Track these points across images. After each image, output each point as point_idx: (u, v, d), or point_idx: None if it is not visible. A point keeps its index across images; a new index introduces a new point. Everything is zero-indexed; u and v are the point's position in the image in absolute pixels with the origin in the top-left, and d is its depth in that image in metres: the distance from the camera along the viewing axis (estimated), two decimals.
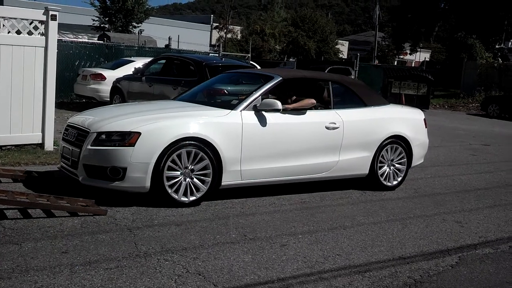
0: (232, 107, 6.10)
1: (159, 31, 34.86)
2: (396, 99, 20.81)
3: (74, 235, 4.55)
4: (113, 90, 12.85)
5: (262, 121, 6.06)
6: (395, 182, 7.20)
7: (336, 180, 6.90)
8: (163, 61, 12.28)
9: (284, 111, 6.25)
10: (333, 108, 6.74)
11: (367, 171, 6.93)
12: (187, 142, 5.54)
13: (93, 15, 32.72)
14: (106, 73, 14.38)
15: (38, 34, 7.86)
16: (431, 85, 23.19)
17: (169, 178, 5.48)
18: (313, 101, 6.56)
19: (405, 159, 7.24)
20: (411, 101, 21.71)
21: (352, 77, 21.44)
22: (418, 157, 7.51)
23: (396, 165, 7.19)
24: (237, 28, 46.81)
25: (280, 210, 5.86)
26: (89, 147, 5.48)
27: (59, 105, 11.78)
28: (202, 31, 49.75)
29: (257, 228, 5.12)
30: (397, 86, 22.74)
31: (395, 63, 49.63)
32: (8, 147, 7.76)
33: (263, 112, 6.08)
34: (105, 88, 13.80)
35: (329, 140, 6.54)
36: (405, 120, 7.40)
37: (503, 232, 5.67)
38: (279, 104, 6.06)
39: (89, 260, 4.03)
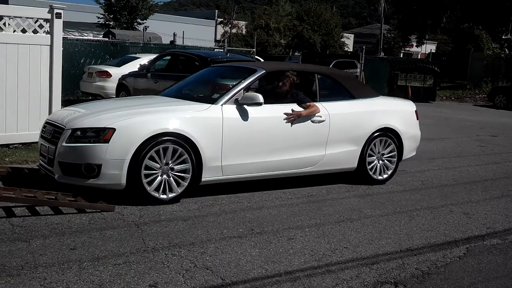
0: (213, 101, 5.94)
1: (164, 28, 34.94)
2: (403, 92, 20.73)
3: (82, 231, 4.58)
4: (119, 87, 12.88)
5: (244, 115, 5.90)
6: (385, 176, 7.04)
7: (337, 173, 6.85)
8: (168, 57, 12.29)
9: (297, 116, 6.20)
10: (319, 101, 6.55)
11: (355, 165, 6.78)
12: (165, 138, 5.39)
13: (98, 13, 32.84)
14: (112, 70, 14.39)
15: (44, 32, 7.88)
16: (437, 77, 23.11)
17: (147, 175, 5.34)
18: (319, 109, 6.41)
19: (395, 152, 7.07)
20: (417, 93, 21.64)
21: (358, 70, 21.37)
22: (409, 150, 7.34)
23: (386, 158, 7.04)
24: (242, 23, 46.75)
25: (286, 204, 5.87)
26: (64, 144, 5.33)
27: (65, 103, 11.77)
28: (207, 26, 49.84)
29: (264, 222, 5.13)
30: (403, 79, 22.66)
31: (401, 56, 49.42)
32: (16, 145, 7.81)
33: (245, 106, 5.94)
34: (111, 85, 13.82)
35: (314, 133, 6.39)
36: (395, 112, 7.23)
37: (511, 223, 5.65)
38: (260, 98, 5.87)
39: (97, 256, 4.06)
